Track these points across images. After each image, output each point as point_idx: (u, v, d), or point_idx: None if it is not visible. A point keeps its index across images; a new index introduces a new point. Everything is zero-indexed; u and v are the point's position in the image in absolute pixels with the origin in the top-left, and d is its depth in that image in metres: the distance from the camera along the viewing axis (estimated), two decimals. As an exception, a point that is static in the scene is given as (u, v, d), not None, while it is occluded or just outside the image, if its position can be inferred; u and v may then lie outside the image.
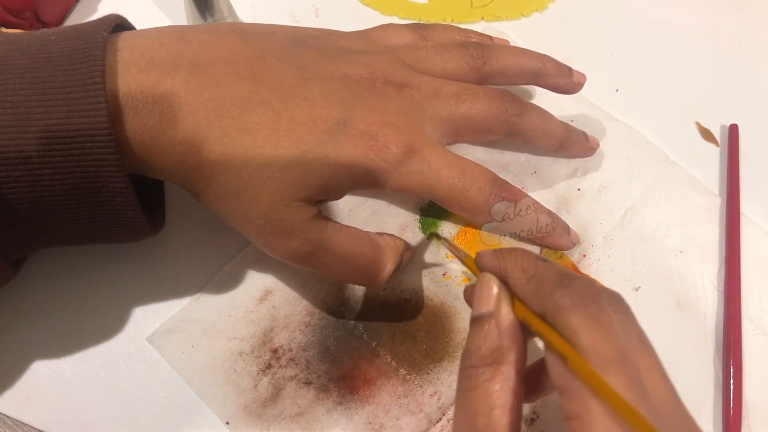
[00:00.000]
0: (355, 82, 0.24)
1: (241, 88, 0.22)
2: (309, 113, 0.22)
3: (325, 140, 0.22)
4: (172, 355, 0.25)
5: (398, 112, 0.24)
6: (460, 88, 0.26)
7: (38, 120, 0.19)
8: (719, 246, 0.30)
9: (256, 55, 0.23)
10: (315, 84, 0.23)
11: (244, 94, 0.22)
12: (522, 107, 0.27)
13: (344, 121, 0.23)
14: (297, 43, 0.24)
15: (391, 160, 0.23)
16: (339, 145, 0.22)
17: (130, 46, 0.21)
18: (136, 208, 0.22)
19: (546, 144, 0.29)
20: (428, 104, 0.25)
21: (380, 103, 0.24)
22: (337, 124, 0.23)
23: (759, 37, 0.37)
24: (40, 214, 0.21)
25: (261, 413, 0.25)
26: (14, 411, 0.24)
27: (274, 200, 0.22)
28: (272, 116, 0.22)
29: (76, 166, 0.20)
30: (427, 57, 0.27)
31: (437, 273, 0.28)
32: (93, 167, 0.20)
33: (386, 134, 0.23)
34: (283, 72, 0.23)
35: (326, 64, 0.24)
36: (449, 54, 0.27)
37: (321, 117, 0.23)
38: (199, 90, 0.21)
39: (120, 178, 0.20)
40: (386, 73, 0.25)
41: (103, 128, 0.19)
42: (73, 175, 0.20)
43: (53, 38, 0.21)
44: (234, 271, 0.27)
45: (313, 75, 0.23)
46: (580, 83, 0.30)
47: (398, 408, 0.25)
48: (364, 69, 0.25)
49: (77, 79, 0.19)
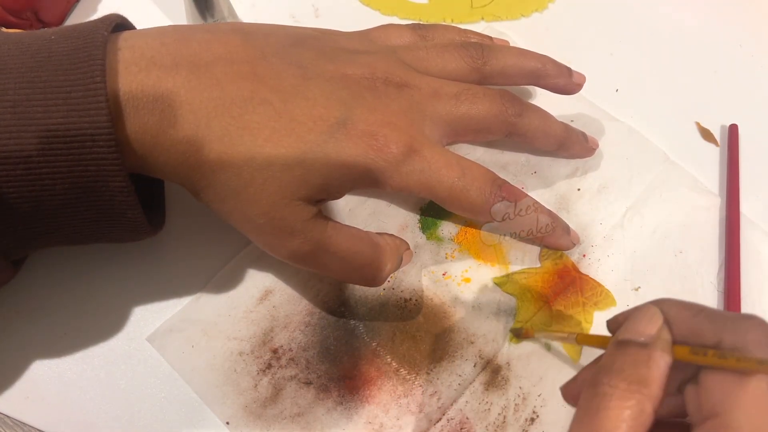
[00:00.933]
0: (356, 82, 0.24)
1: (242, 87, 0.22)
2: (309, 113, 0.22)
3: (325, 140, 0.22)
4: (172, 355, 0.25)
5: (398, 111, 0.24)
6: (460, 89, 0.26)
7: (38, 119, 0.19)
8: (719, 246, 0.30)
9: (257, 55, 0.23)
10: (315, 84, 0.23)
11: (245, 93, 0.22)
12: (522, 107, 0.27)
13: (344, 120, 0.23)
14: (297, 43, 0.24)
15: (391, 160, 0.23)
16: (339, 145, 0.22)
17: (131, 45, 0.21)
18: (137, 208, 0.22)
19: (546, 144, 0.29)
20: (428, 104, 0.25)
21: (380, 103, 0.24)
22: (338, 124, 0.23)
23: (759, 37, 0.37)
24: (40, 214, 0.21)
25: (261, 413, 0.25)
26: (14, 411, 0.24)
27: (274, 199, 0.22)
28: (273, 116, 0.22)
29: (77, 166, 0.20)
30: (427, 57, 0.27)
31: (437, 273, 0.28)
32: (93, 166, 0.20)
33: (386, 134, 0.23)
34: (283, 71, 0.23)
35: (327, 64, 0.24)
36: (449, 54, 0.27)
37: (321, 116, 0.23)
38: (200, 89, 0.21)
39: (120, 178, 0.20)
40: (386, 73, 0.25)
41: (103, 127, 0.19)
42: (73, 174, 0.20)
43: (53, 38, 0.21)
44: (234, 271, 0.27)
45: (313, 75, 0.23)
46: (579, 84, 0.30)
47: (398, 408, 0.25)
48: (365, 69, 0.25)
49: (77, 79, 0.19)
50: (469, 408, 0.25)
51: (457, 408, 0.25)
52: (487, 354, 0.26)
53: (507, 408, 0.26)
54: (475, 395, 0.26)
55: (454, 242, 0.29)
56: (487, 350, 0.27)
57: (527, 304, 0.28)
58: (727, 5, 0.38)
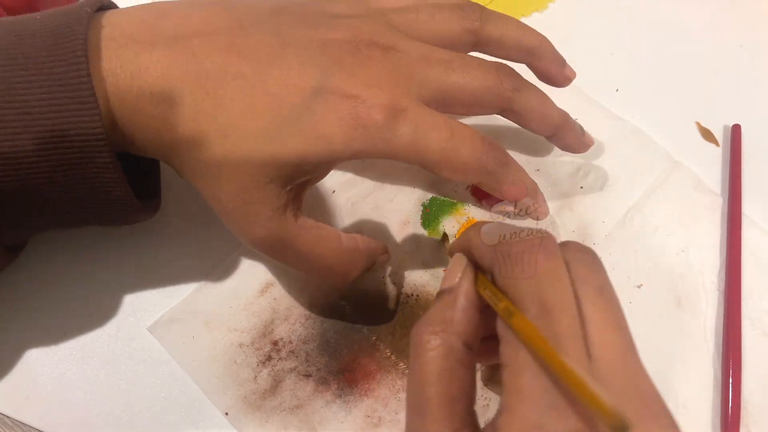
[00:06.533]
0: (336, 46, 0.22)
1: (217, 60, 0.21)
2: (284, 83, 0.21)
3: (301, 112, 0.21)
4: (172, 345, 0.25)
5: (382, 73, 0.22)
6: (453, 56, 0.24)
7: (21, 95, 0.19)
8: (720, 246, 0.30)
9: (235, 26, 0.22)
10: (292, 51, 0.22)
11: (220, 66, 0.21)
12: (520, 83, 0.25)
13: (321, 88, 0.21)
14: (279, 11, 0.23)
15: (374, 124, 0.21)
16: (315, 117, 0.21)
17: (112, 22, 0.21)
18: (123, 184, 0.21)
19: (541, 127, 0.27)
20: (416, 69, 0.23)
21: (362, 66, 0.22)
22: (314, 93, 0.21)
23: (759, 37, 0.37)
24: (27, 193, 0.20)
25: (260, 405, 0.25)
26: (14, 411, 0.24)
27: (246, 180, 0.21)
28: (246, 89, 0.21)
29: (61, 142, 0.20)
30: (418, 19, 0.25)
31: (438, 268, 0.28)
32: (79, 142, 0.20)
33: (367, 97, 0.21)
34: (259, 42, 0.22)
35: (307, 30, 0.23)
36: (442, 15, 0.25)
37: (297, 86, 0.21)
38: (176, 64, 0.21)
39: (106, 153, 0.20)
40: (371, 35, 0.23)
41: (87, 102, 0.19)
42: (58, 151, 0.20)
43: (38, 18, 0.21)
44: (236, 263, 0.27)
45: (291, 42, 0.22)
46: (569, 78, 0.28)
47: (397, 402, 0.25)
48: (347, 32, 0.23)
49: (60, 54, 0.19)
50: (469, 403, 0.25)
51: (456, 403, 0.25)
52: (487, 349, 0.26)
53: (506, 404, 0.26)
54: (474, 390, 0.26)
55: (455, 237, 0.29)
56: (487, 346, 0.27)
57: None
58: (727, 5, 0.38)
